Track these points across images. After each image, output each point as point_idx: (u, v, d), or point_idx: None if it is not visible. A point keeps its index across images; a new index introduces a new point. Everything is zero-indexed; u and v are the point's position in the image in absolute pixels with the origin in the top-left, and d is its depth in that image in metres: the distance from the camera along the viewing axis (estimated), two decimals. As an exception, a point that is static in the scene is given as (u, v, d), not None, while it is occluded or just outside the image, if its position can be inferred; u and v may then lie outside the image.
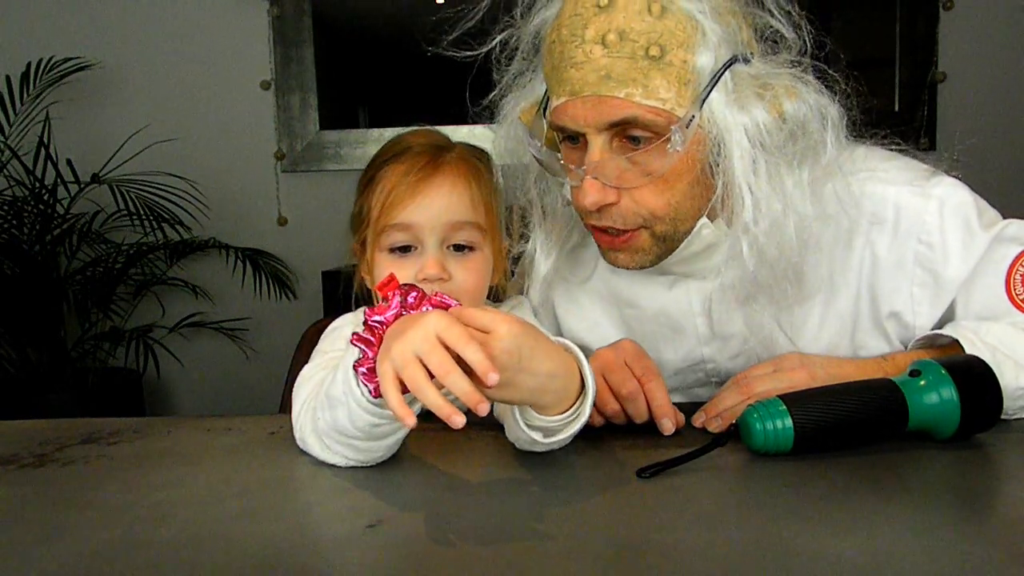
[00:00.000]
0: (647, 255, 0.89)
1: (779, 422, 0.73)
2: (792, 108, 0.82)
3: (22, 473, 0.78)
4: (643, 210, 0.85)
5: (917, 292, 0.91)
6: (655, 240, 0.88)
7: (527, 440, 0.73)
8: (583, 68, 0.81)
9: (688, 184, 0.84)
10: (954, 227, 0.90)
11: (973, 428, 0.75)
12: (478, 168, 0.92)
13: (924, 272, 0.91)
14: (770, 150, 0.82)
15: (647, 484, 0.69)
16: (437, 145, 0.92)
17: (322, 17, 2.72)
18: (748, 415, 0.74)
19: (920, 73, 2.64)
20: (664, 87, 0.80)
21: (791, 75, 0.84)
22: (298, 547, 0.59)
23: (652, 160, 0.83)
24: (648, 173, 0.83)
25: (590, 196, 0.83)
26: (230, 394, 2.81)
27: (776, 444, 0.73)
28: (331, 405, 0.73)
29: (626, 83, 0.80)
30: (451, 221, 0.88)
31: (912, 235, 0.90)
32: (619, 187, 0.84)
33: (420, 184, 0.87)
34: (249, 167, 2.74)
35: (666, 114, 0.81)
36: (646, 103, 0.80)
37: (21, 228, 2.45)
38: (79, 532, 0.62)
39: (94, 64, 2.62)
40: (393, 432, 0.74)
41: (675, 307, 0.98)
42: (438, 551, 0.57)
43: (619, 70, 0.80)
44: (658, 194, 0.84)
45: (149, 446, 0.86)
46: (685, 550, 0.56)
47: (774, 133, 0.82)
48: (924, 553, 0.54)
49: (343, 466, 0.77)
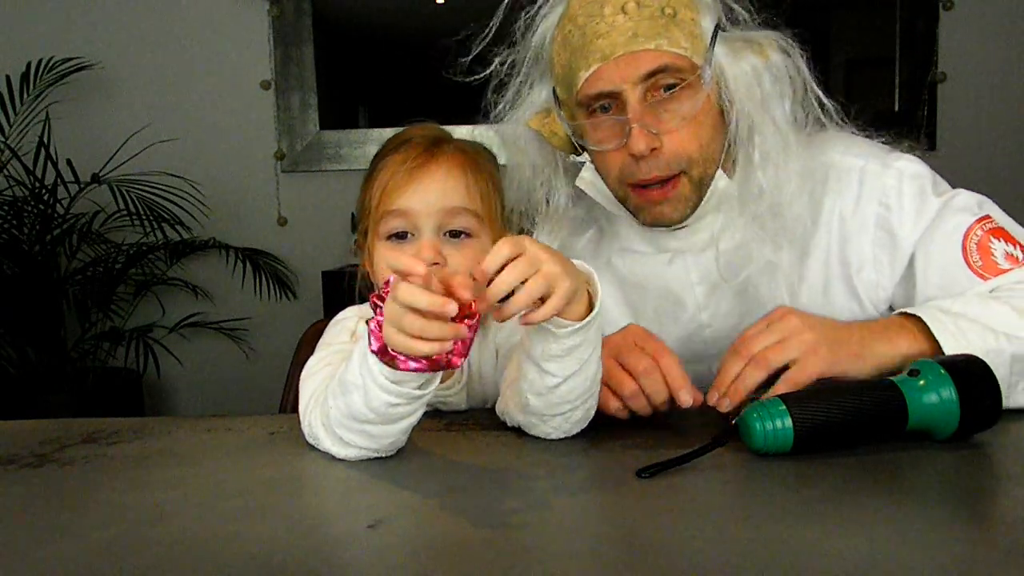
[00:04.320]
0: (687, 203, 0.97)
1: (779, 422, 0.73)
2: (775, 56, 0.96)
3: (22, 473, 0.78)
4: (682, 153, 0.94)
5: (879, 253, 1.00)
6: (692, 186, 0.96)
7: (537, 372, 0.77)
8: (610, 35, 0.92)
9: (712, 127, 0.96)
10: (910, 193, 0.99)
11: (973, 428, 0.75)
12: (475, 158, 0.95)
13: (883, 233, 0.99)
14: (766, 90, 0.95)
15: (647, 484, 0.69)
16: (436, 137, 0.95)
17: (322, 17, 2.72)
18: (748, 415, 0.74)
19: (920, 73, 2.64)
20: (682, 39, 0.93)
21: (762, 34, 0.97)
22: (298, 547, 0.59)
23: (684, 104, 0.93)
24: (683, 116, 0.93)
25: (641, 142, 0.92)
26: (230, 394, 2.81)
27: (776, 444, 0.73)
28: (345, 391, 0.74)
29: (652, 37, 0.91)
30: (447, 207, 0.89)
31: (874, 199, 0.99)
32: (660, 132, 0.93)
33: (416, 171, 0.90)
34: (249, 167, 2.74)
35: (688, 60, 0.93)
36: (672, 50, 0.92)
37: (21, 228, 2.45)
38: (79, 532, 0.62)
39: (94, 64, 2.62)
40: (408, 414, 0.75)
41: (675, 281, 1.05)
42: (438, 551, 0.57)
43: (644, 28, 0.92)
44: (692, 137, 0.94)
45: (149, 446, 0.86)
46: (685, 550, 0.56)
47: (765, 75, 0.95)
48: (924, 553, 0.54)
49: (354, 459, 0.77)
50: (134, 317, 2.67)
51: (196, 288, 2.73)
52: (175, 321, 2.71)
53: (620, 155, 0.95)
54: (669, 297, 1.06)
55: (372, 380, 0.72)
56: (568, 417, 0.80)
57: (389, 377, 0.71)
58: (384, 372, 0.71)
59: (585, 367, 0.77)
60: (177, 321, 2.71)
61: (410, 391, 0.72)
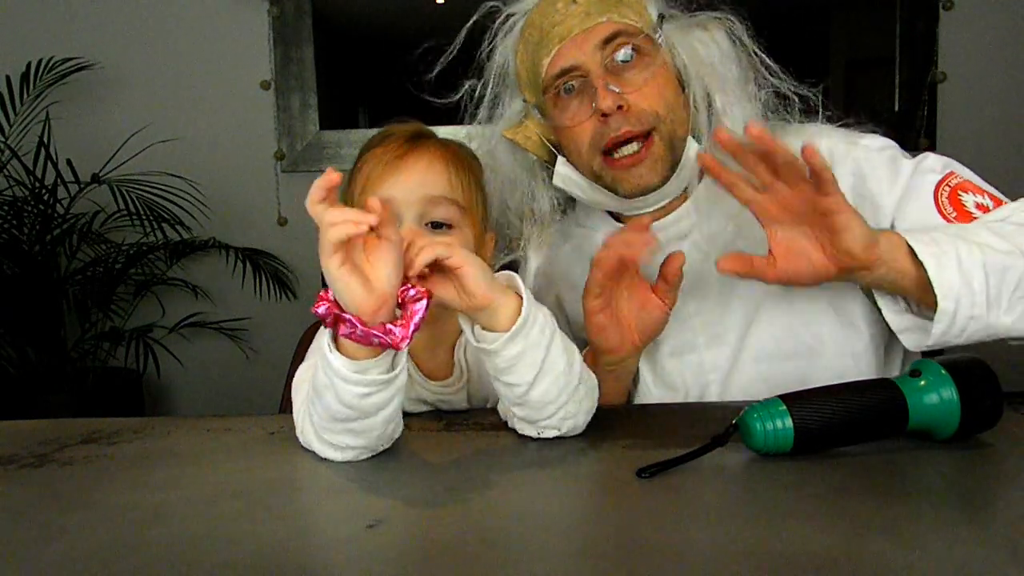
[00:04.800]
0: (663, 163, 1.00)
1: (779, 422, 0.73)
2: (719, 33, 1.01)
3: (22, 473, 0.78)
4: (649, 109, 0.98)
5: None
6: (664, 145, 0.99)
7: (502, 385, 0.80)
8: (565, 21, 0.99)
9: (673, 91, 1.01)
10: (880, 162, 1.02)
11: (973, 428, 0.75)
12: (457, 152, 0.96)
13: (861, 200, 1.00)
14: (715, 56, 1.00)
15: (647, 484, 0.69)
16: (418, 132, 0.96)
17: (322, 17, 2.72)
18: (748, 415, 0.74)
19: (920, 73, 2.64)
20: (631, 13, 1.00)
21: (705, 15, 1.03)
22: (298, 547, 0.59)
23: (643, 68, 0.99)
24: (643, 78, 0.98)
25: (608, 99, 0.96)
26: (230, 394, 2.81)
27: (776, 444, 0.73)
28: (319, 394, 0.75)
29: (604, 12, 0.99)
30: (428, 195, 0.90)
31: (846, 171, 1.01)
32: (624, 93, 0.97)
33: (397, 161, 0.91)
34: (249, 167, 2.74)
35: (638, 29, 0.99)
36: (624, 21, 0.99)
37: (21, 228, 2.45)
38: (79, 532, 0.62)
39: (94, 64, 2.62)
40: (384, 404, 0.74)
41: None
42: (438, 551, 0.57)
43: (595, 8, 0.99)
44: (656, 95, 0.99)
45: (149, 446, 0.86)
46: (685, 550, 0.56)
47: (713, 47, 1.01)
48: (924, 553, 0.54)
49: (352, 460, 0.77)
50: (134, 317, 2.67)
51: (196, 288, 2.73)
52: (175, 321, 2.71)
53: (590, 124, 0.99)
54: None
55: (336, 376, 0.72)
56: (560, 416, 0.80)
57: (351, 368, 0.71)
58: (345, 364, 0.71)
59: (547, 368, 0.78)
60: (177, 321, 2.71)
61: (375, 377, 0.72)
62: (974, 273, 0.83)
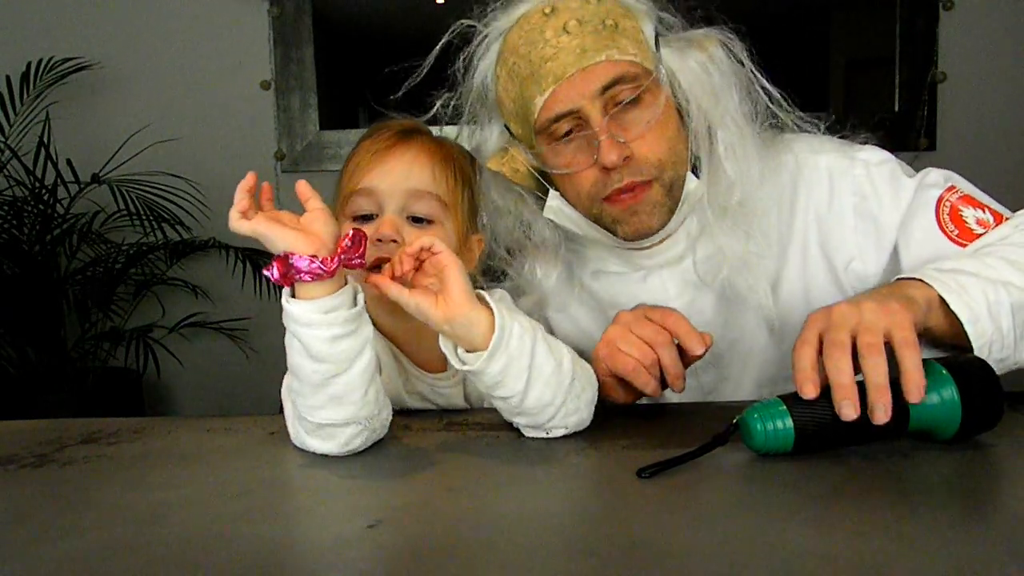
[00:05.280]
0: (662, 208, 0.97)
1: (779, 422, 0.73)
2: (716, 51, 0.97)
3: (22, 473, 0.78)
4: (653, 157, 0.94)
5: (861, 241, 1.00)
6: (664, 191, 0.96)
7: (496, 400, 0.81)
8: (558, 57, 0.91)
9: (675, 129, 0.97)
10: (881, 179, 1.00)
11: (974, 429, 0.75)
12: (447, 149, 0.96)
13: (864, 221, 1.00)
14: (716, 84, 0.96)
15: (647, 484, 0.69)
16: (409, 127, 0.96)
17: (322, 17, 2.72)
18: (748, 415, 0.74)
19: (920, 73, 2.64)
20: (630, 46, 0.93)
21: (701, 32, 0.99)
22: (298, 547, 0.59)
23: (646, 109, 0.93)
24: (647, 121, 0.93)
25: (612, 153, 0.91)
26: (230, 394, 2.80)
27: (776, 444, 0.73)
28: (295, 370, 0.76)
29: (601, 49, 0.91)
30: (411, 188, 0.90)
31: (847, 191, 1.00)
32: (627, 141, 0.93)
33: (383, 152, 0.92)
34: (249, 167, 2.72)
35: (640, 66, 0.93)
36: (624, 58, 0.92)
37: (21, 228, 2.45)
38: (79, 532, 0.62)
39: (94, 64, 2.62)
40: (357, 352, 0.74)
41: (652, 294, 1.05)
42: (438, 551, 0.57)
43: (591, 43, 0.91)
44: (660, 139, 0.94)
45: (149, 446, 0.85)
46: (685, 550, 0.56)
47: (712, 69, 0.96)
48: (924, 553, 0.54)
49: (348, 452, 0.77)
50: (134, 317, 2.67)
51: (196, 288, 2.73)
52: (175, 321, 2.71)
53: (591, 173, 0.94)
54: None
55: (302, 325, 0.72)
56: (562, 415, 0.81)
57: (315, 309, 0.72)
58: (308, 307, 0.72)
59: (535, 374, 0.78)
60: (177, 321, 2.71)
61: (341, 314, 0.73)
62: (1003, 317, 0.83)
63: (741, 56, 0.98)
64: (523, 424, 0.82)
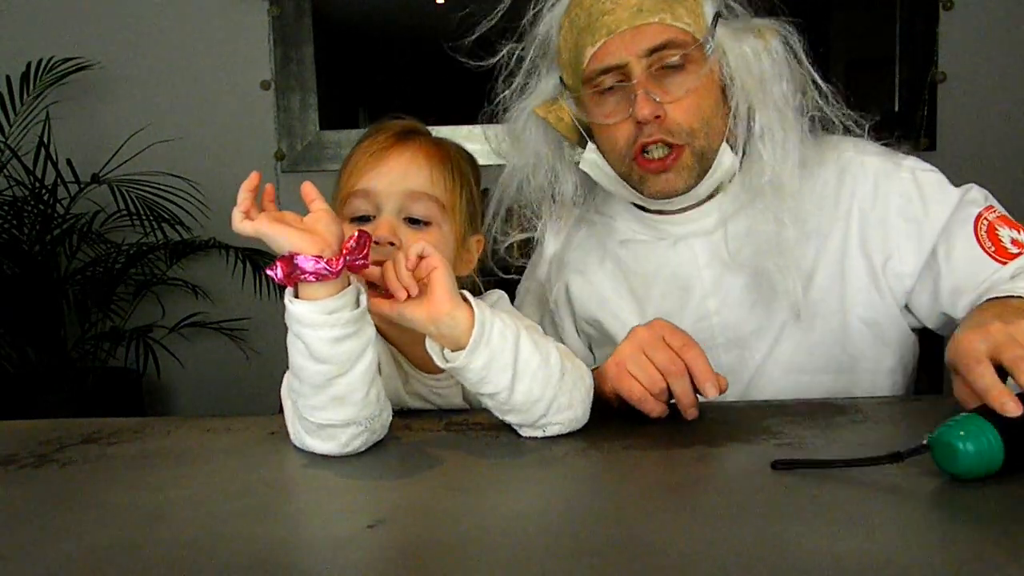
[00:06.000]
0: (690, 172, 1.00)
1: (985, 439, 0.64)
2: (775, 42, 0.99)
3: (22, 473, 0.78)
4: (685, 123, 0.97)
5: (903, 242, 1.02)
6: (695, 158, 0.99)
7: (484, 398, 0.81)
8: (615, 12, 0.96)
9: (714, 102, 1.00)
10: (927, 183, 1.03)
11: None
12: (446, 150, 0.96)
13: (907, 223, 1.01)
14: (765, 70, 0.98)
15: (647, 484, 0.69)
16: (409, 128, 0.96)
17: (322, 17, 2.72)
18: (948, 434, 0.65)
19: (920, 73, 2.64)
20: (685, 15, 0.97)
21: (763, 21, 1.01)
22: (298, 547, 0.59)
23: (687, 76, 0.97)
24: (686, 88, 0.97)
25: (645, 107, 0.95)
26: (230, 394, 2.80)
27: (983, 466, 0.64)
28: (296, 371, 0.76)
29: (656, 12, 0.96)
30: (408, 190, 0.90)
31: (892, 193, 1.02)
32: (663, 102, 0.96)
33: (382, 153, 0.92)
34: (249, 167, 2.72)
35: (690, 35, 0.97)
36: (676, 24, 0.96)
37: (21, 228, 2.45)
38: (79, 532, 0.62)
39: (94, 64, 2.62)
40: (358, 353, 0.75)
41: (681, 265, 1.07)
42: (438, 551, 0.57)
43: (649, 4, 0.96)
44: (695, 108, 0.97)
45: (149, 446, 0.85)
46: (685, 550, 0.56)
47: (765, 57, 0.99)
48: (924, 553, 0.54)
49: (348, 453, 0.77)
50: (134, 317, 2.67)
51: (196, 288, 2.73)
52: (175, 321, 2.71)
53: (626, 126, 0.98)
54: (675, 282, 1.07)
55: (304, 325, 0.72)
56: (554, 410, 0.81)
57: (318, 310, 0.72)
58: (311, 308, 0.72)
59: (521, 368, 0.78)
60: (177, 321, 2.71)
61: (343, 315, 0.73)
62: None
63: (798, 50, 1.00)
64: (516, 422, 0.82)
